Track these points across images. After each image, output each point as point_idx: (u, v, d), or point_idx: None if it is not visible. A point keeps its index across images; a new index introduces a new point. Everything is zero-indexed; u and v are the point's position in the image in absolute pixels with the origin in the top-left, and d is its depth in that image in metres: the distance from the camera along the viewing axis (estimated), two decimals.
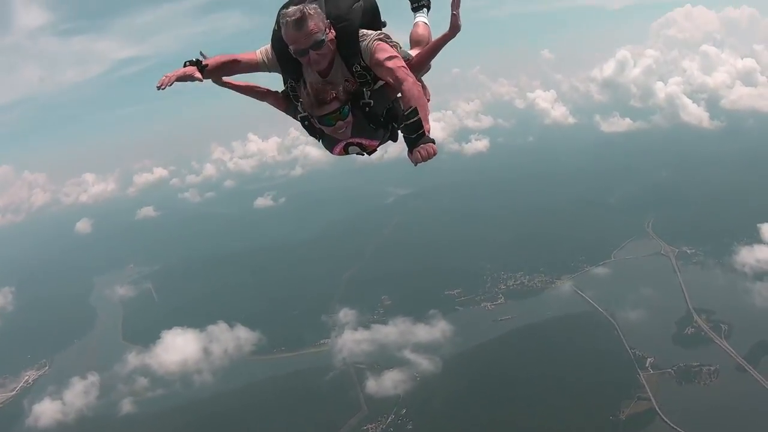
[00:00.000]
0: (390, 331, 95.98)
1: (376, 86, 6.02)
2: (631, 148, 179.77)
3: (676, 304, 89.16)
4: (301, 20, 5.29)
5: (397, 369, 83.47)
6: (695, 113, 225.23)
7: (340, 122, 5.67)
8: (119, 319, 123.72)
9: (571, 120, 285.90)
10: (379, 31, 5.97)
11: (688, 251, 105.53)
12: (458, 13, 5.75)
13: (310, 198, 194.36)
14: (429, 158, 5.50)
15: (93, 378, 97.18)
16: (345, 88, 5.69)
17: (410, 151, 5.54)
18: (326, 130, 5.82)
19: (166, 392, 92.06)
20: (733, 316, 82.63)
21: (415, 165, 5.59)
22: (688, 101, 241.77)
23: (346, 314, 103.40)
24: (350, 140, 6.05)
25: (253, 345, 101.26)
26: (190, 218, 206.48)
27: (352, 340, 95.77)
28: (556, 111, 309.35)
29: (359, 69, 5.86)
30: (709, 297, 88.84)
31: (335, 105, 5.57)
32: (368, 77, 5.90)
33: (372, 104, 5.88)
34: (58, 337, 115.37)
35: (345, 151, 6.21)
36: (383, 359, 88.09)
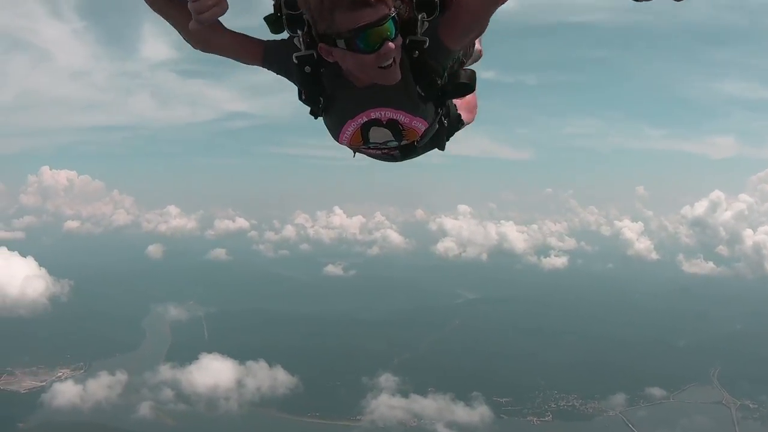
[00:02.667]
0: (428, 404, 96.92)
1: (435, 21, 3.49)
2: (709, 294, 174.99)
3: None
4: None
5: None
6: None
7: (388, 43, 3.16)
8: (166, 345, 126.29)
9: (654, 255, 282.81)
10: None
11: (751, 405, 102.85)
12: None
13: (381, 279, 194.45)
14: None
15: (121, 376, 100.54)
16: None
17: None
18: (356, 66, 3.34)
19: (187, 409, 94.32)
20: None
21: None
22: None
23: (387, 379, 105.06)
24: (375, 111, 3.71)
25: (288, 389, 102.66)
26: (259, 270, 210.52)
27: (387, 404, 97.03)
28: (640, 243, 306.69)
29: None
30: None
31: (382, 9, 3.09)
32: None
33: (428, 48, 3.46)
34: (102, 347, 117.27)
35: (362, 137, 3.89)
36: (414, 429, 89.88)
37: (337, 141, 3.96)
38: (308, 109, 3.85)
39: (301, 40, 3.42)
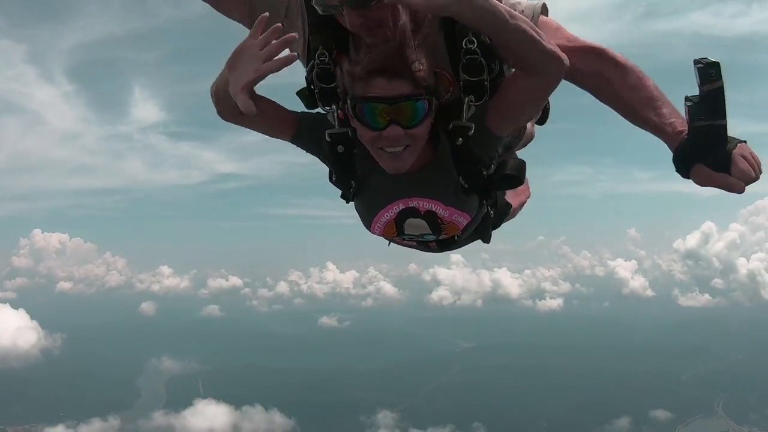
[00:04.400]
0: None
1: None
2: (708, 326, 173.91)
3: None
4: None
5: None
6: None
7: (395, 127, 2.66)
8: (162, 400, 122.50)
9: (649, 292, 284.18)
10: None
11: None
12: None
13: (376, 330, 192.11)
14: None
15: (114, 422, 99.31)
16: (434, 75, 2.75)
17: (727, 165, 2.76)
18: (365, 139, 2.82)
19: None
20: None
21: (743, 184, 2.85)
22: None
23: (385, 416, 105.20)
24: (412, 201, 3.14)
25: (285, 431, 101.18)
26: (253, 325, 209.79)
27: None
28: (635, 281, 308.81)
29: (473, 50, 2.83)
30: None
31: (406, 86, 2.61)
32: (486, 75, 2.87)
33: (474, 135, 2.93)
34: (96, 404, 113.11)
35: (396, 228, 3.29)
36: None
37: (369, 230, 3.39)
38: (333, 185, 3.36)
39: (335, 115, 3.00)
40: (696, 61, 2.65)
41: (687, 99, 2.74)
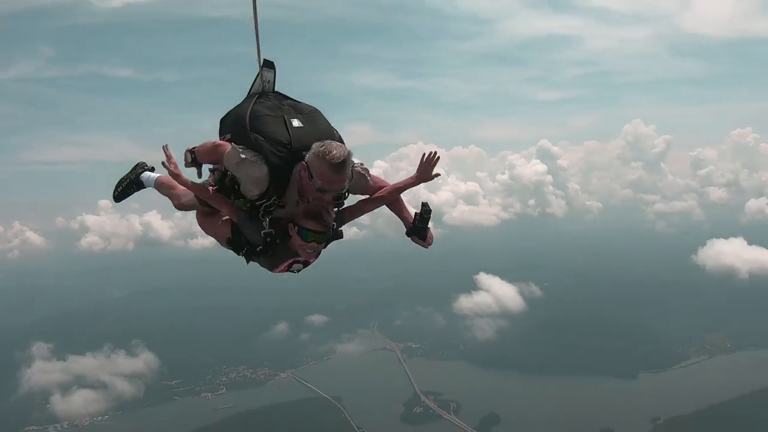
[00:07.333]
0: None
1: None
2: (359, 260, 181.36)
3: (402, 388, 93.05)
4: (344, 166, 5.07)
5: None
6: None
7: (314, 243, 5.29)
8: None
9: None
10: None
11: (413, 346, 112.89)
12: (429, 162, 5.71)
13: (25, 286, 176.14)
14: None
15: None
16: (334, 220, 5.50)
17: (424, 237, 5.89)
18: (297, 243, 5.32)
19: None
20: (462, 395, 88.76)
21: (429, 246, 6.02)
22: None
23: (40, 347, 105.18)
24: (300, 259, 5.70)
25: None
26: None
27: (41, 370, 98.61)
28: None
29: (342, 196, 5.56)
30: (435, 381, 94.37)
31: (325, 226, 5.24)
32: (342, 201, 5.64)
33: (336, 225, 5.59)
34: None
35: (287, 269, 5.80)
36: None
37: (270, 271, 5.75)
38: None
39: (267, 222, 5.30)
40: (423, 203, 5.81)
41: (423, 204, 5.83)
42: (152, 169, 6.90)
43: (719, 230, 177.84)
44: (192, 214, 6.26)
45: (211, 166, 5.75)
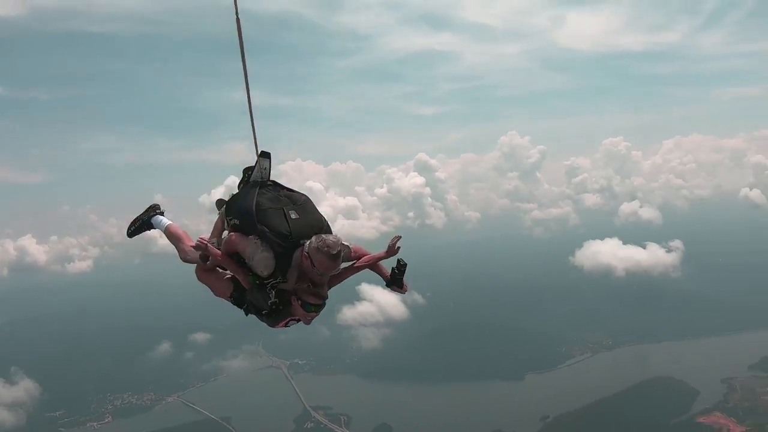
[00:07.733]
0: None
1: None
2: None
3: (292, 405, 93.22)
4: (339, 255, 6.02)
5: None
6: None
7: (314, 313, 6.24)
8: None
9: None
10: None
11: (300, 362, 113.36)
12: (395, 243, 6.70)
13: None
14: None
15: None
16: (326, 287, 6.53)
17: (400, 286, 6.85)
18: (299, 312, 6.23)
19: None
20: (352, 407, 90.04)
21: (406, 293, 7.01)
22: None
23: None
24: (296, 318, 6.44)
25: None
26: None
27: None
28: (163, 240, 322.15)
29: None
30: (324, 396, 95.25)
31: (323, 299, 6.25)
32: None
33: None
34: None
35: (286, 325, 6.54)
36: None
37: (271, 327, 6.47)
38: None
39: (273, 293, 6.08)
40: (399, 260, 6.60)
41: (399, 260, 6.62)
42: (162, 213, 7.52)
43: (595, 233, 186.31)
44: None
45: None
